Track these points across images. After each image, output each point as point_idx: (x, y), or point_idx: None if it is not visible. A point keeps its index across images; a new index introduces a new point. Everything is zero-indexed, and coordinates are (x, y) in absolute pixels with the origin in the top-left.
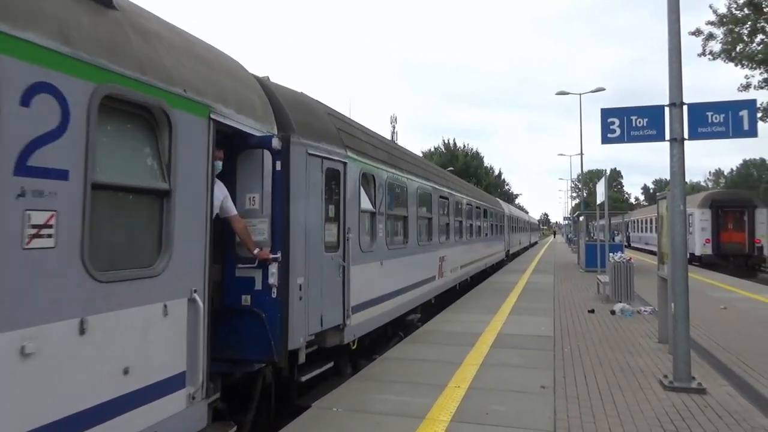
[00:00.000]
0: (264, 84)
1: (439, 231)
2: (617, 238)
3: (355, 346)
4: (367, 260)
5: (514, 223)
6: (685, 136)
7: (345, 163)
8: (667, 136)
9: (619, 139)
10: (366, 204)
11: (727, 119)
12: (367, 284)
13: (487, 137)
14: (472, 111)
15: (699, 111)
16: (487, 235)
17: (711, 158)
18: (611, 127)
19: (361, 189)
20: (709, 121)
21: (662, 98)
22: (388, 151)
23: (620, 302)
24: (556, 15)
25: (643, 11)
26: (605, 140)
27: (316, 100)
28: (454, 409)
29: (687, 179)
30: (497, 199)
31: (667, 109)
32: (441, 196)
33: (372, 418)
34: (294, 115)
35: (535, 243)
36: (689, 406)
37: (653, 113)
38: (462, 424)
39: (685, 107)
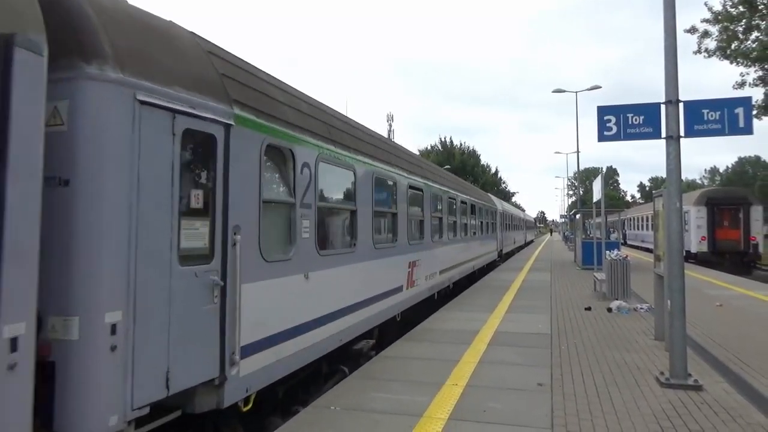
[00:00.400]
0: None
1: (410, 230)
2: (613, 236)
3: (248, 406)
4: (279, 273)
5: (507, 220)
6: (682, 133)
7: (228, 126)
8: (664, 134)
9: (616, 137)
10: (276, 192)
11: (723, 117)
12: (276, 309)
13: (483, 136)
14: (468, 110)
15: (695, 108)
16: (475, 233)
17: (704, 156)
18: (608, 124)
19: (267, 169)
20: (705, 118)
21: (657, 96)
22: (323, 120)
23: (617, 300)
24: (551, 14)
25: (638, 10)
26: (602, 138)
27: (190, 32)
28: (452, 406)
29: (683, 177)
30: (489, 195)
31: (663, 107)
32: (412, 187)
33: (370, 417)
34: (113, 36)
35: (531, 241)
36: (686, 403)
37: (649, 111)
38: (459, 422)
39: (681, 105)
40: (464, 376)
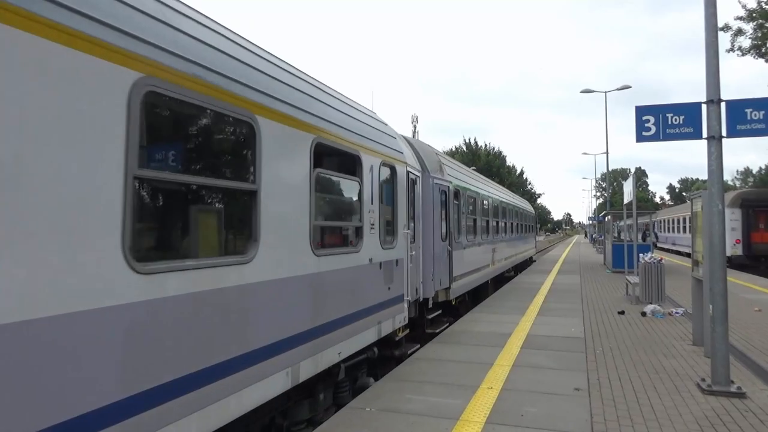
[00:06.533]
0: None
1: None
2: (649, 239)
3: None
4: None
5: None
6: (724, 133)
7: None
8: (705, 134)
9: (655, 137)
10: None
11: (767, 116)
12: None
13: (509, 137)
14: (493, 112)
15: (738, 108)
16: None
17: (734, 156)
18: (646, 125)
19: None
20: (749, 118)
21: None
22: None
23: (651, 303)
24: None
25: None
26: (640, 138)
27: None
28: (488, 410)
29: None
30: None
31: (704, 106)
32: None
33: (406, 418)
34: None
35: (528, 261)
36: (729, 411)
37: (690, 110)
38: (497, 425)
39: (723, 104)
40: (499, 380)
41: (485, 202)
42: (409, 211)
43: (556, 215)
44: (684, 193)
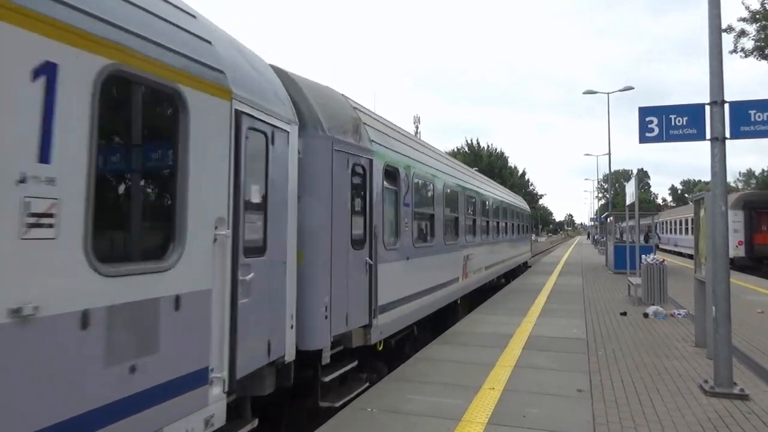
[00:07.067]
0: None
1: None
2: (652, 240)
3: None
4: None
5: None
6: (727, 135)
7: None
8: (708, 136)
9: (658, 138)
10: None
11: None
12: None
13: (510, 137)
14: (494, 112)
15: (742, 109)
16: None
17: (735, 158)
18: (649, 126)
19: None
20: (753, 119)
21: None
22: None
23: (653, 305)
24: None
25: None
26: (643, 139)
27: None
28: (490, 411)
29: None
30: None
31: (707, 108)
32: None
33: (407, 419)
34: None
35: (523, 266)
36: (732, 413)
37: (693, 111)
38: (499, 426)
39: (726, 105)
40: (501, 380)
41: (452, 191)
42: (238, 190)
43: (558, 216)
44: (686, 195)
